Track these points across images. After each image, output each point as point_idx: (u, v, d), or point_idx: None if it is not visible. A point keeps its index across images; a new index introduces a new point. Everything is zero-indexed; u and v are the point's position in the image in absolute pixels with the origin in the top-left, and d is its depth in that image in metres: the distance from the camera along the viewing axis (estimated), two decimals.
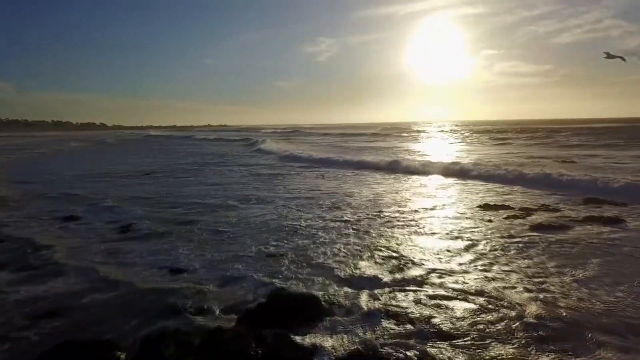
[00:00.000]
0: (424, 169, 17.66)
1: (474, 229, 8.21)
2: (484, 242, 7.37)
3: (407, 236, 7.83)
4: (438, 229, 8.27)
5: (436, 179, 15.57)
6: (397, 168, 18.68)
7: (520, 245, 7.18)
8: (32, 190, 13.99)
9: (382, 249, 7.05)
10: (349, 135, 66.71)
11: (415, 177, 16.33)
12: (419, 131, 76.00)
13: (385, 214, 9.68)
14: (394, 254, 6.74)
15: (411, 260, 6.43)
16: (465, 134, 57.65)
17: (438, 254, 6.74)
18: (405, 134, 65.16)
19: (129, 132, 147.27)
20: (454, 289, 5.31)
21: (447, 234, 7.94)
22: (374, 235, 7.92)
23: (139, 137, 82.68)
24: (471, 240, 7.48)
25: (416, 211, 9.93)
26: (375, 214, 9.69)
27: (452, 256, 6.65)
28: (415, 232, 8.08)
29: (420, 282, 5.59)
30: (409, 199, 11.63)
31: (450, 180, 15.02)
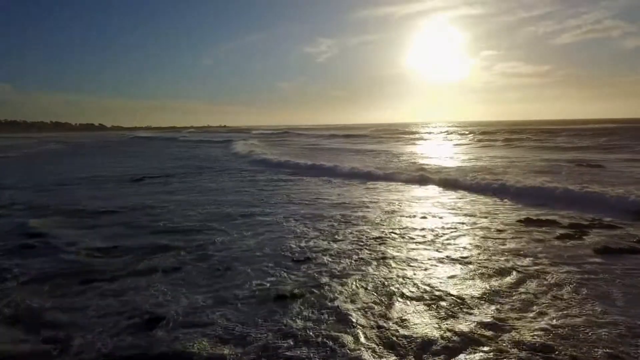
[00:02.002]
0: (429, 178, 15.22)
1: (523, 254, 6.62)
2: (543, 273, 5.79)
3: (442, 265, 6.22)
4: (480, 253, 6.66)
5: (448, 189, 13.89)
6: (379, 176, 16.33)
7: (590, 278, 5.62)
8: None
9: (417, 285, 5.45)
10: (339, 136, 64.89)
11: (414, 186, 14.73)
12: (419, 132, 74.42)
13: (405, 232, 8.08)
14: (435, 293, 5.16)
15: (459, 304, 4.84)
16: (469, 135, 55.94)
17: (490, 293, 5.15)
18: (404, 135, 63.58)
19: (121, 132, 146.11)
20: (522, 352, 3.73)
21: (492, 260, 6.35)
22: (400, 261, 6.33)
23: (126, 139, 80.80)
24: (526, 270, 5.90)
25: (443, 229, 8.29)
26: (394, 231, 8.09)
27: (508, 295, 5.08)
28: (452, 259, 6.46)
29: (480, 341, 4.00)
30: (429, 213, 9.99)
31: (466, 189, 13.36)
